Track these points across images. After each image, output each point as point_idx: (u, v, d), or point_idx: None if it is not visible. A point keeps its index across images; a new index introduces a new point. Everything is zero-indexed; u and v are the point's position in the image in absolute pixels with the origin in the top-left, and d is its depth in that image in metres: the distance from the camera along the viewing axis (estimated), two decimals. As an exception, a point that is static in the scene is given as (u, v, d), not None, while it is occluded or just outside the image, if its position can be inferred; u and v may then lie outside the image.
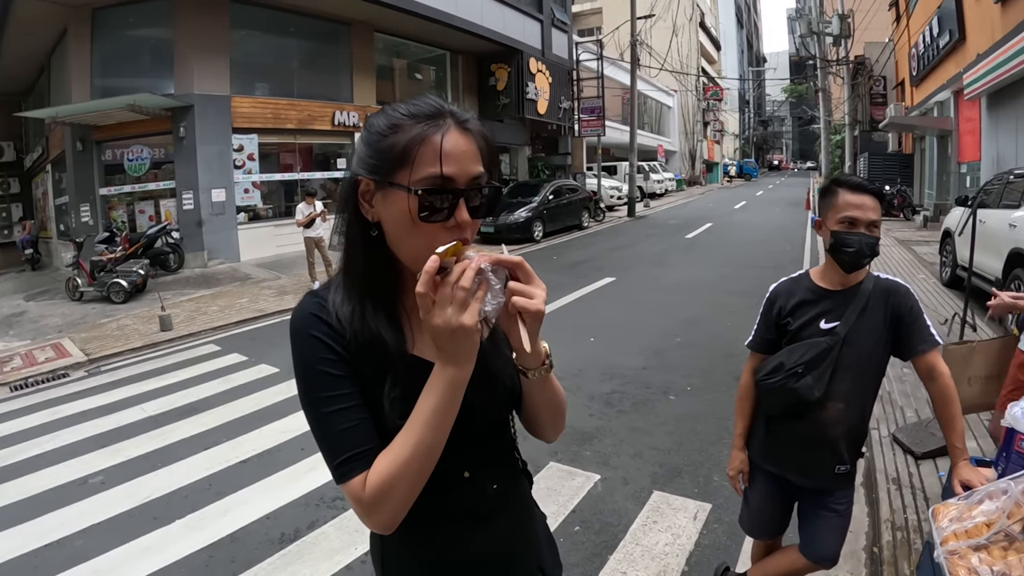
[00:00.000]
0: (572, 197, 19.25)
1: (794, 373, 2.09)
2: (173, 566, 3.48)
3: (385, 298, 1.11)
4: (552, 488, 3.94)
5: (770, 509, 2.38)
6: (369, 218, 1.07)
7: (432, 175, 0.99)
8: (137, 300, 11.65)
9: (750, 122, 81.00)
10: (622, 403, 5.26)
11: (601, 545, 3.32)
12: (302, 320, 1.08)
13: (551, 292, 7.92)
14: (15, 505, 4.37)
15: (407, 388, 1.04)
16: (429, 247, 0.95)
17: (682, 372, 5.87)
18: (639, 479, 3.99)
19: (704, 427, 4.66)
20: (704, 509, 3.58)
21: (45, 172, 19.76)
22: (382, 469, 1.00)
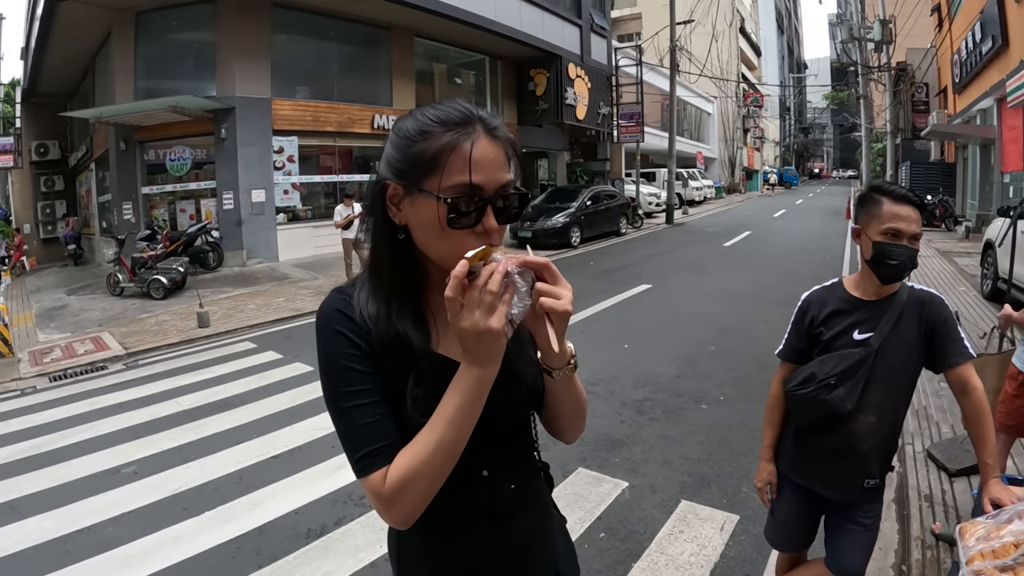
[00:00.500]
0: (610, 203, 19.15)
1: (826, 384, 2.03)
2: (200, 556, 3.52)
3: (410, 297, 1.12)
4: (579, 494, 3.89)
5: (796, 522, 2.32)
6: (397, 221, 1.08)
7: (461, 183, 0.99)
8: (176, 297, 11.88)
9: (791, 129, 79.82)
10: (653, 411, 5.20)
11: (626, 553, 3.27)
12: (328, 315, 1.09)
13: (587, 299, 8.05)
14: (50, 491, 4.48)
15: (431, 387, 1.04)
16: (457, 251, 0.96)
17: (715, 381, 5.78)
18: (667, 488, 3.93)
19: (735, 437, 4.57)
20: (732, 520, 3.51)
21: (89, 170, 20.30)
22: (403, 464, 1.00)
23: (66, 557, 3.61)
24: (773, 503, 2.34)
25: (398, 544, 1.25)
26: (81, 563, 3.54)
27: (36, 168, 22.47)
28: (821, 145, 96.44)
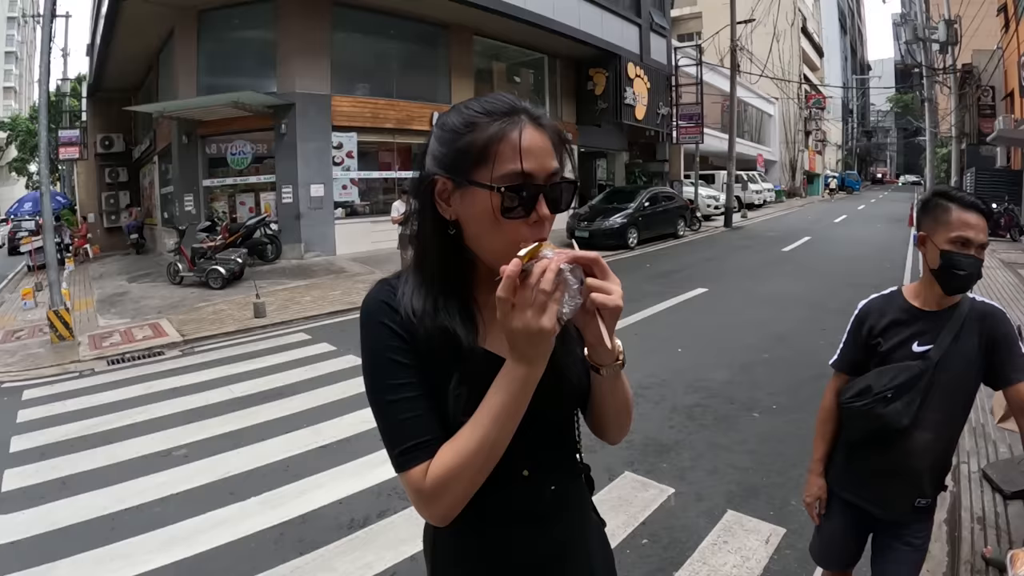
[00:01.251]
0: (668, 205, 18.90)
1: (883, 397, 1.92)
2: (244, 540, 3.58)
3: (458, 292, 1.10)
4: (624, 498, 3.81)
5: (843, 539, 2.21)
6: (447, 217, 1.06)
7: (513, 171, 0.99)
8: (234, 287, 12.16)
9: (853, 132, 77.54)
10: (704, 417, 5.07)
11: (667, 561, 3.18)
12: (373, 307, 1.09)
13: (642, 301, 8.02)
14: (101, 470, 4.62)
15: (476, 384, 1.03)
16: (511, 243, 0.97)
17: (768, 389, 5.61)
18: (714, 496, 3.81)
19: (787, 448, 4.41)
20: (778, 533, 3.38)
21: (152, 163, 20.97)
22: (445, 460, 0.99)
23: (113, 534, 3.70)
24: (821, 519, 2.23)
25: (433, 543, 1.23)
26: (127, 540, 3.63)
27: (101, 160, 23.30)
28: (884, 149, 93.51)
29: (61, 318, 8.83)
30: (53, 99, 22.64)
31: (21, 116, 45.02)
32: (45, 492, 4.31)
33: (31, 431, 5.55)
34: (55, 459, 4.87)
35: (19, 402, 6.49)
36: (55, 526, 3.82)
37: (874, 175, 79.91)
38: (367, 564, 3.24)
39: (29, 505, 4.13)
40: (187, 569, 3.34)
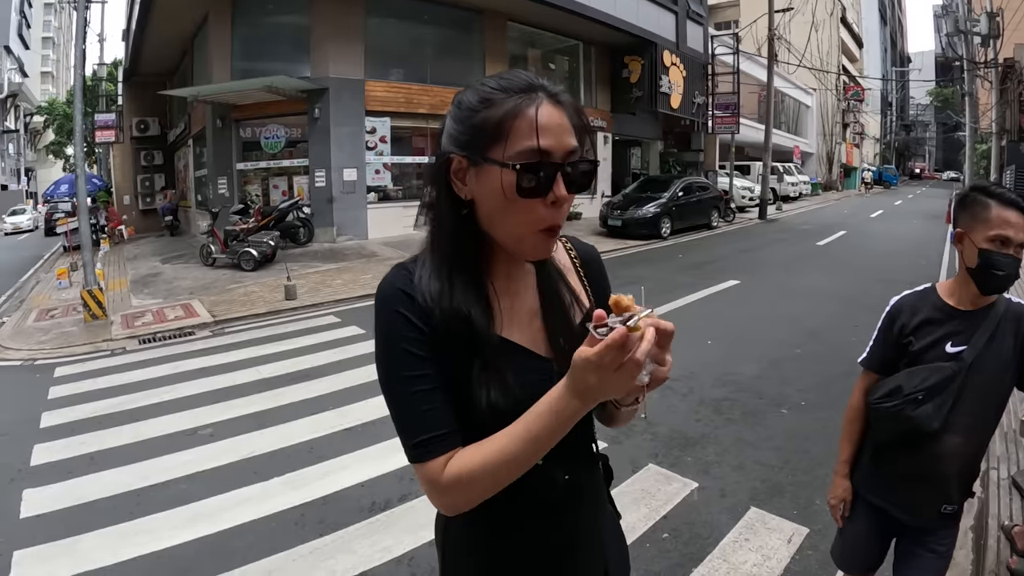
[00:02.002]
0: (702, 195, 18.64)
1: (913, 399, 1.84)
2: (266, 519, 3.61)
3: (473, 277, 1.07)
4: (647, 491, 3.76)
5: (866, 543, 2.14)
6: (462, 196, 1.04)
7: (529, 148, 0.95)
8: (265, 269, 12.29)
9: (892, 126, 75.73)
10: (732, 411, 4.99)
11: (687, 556, 3.13)
12: (388, 294, 1.06)
13: (674, 291, 8.18)
14: (129, 447, 4.70)
15: (494, 372, 1.03)
16: (526, 223, 0.98)
17: (798, 385, 5.50)
18: (737, 492, 3.74)
19: (814, 446, 4.31)
20: (801, 533, 3.30)
21: (187, 146, 21.27)
22: (469, 462, 0.99)
23: (138, 509, 3.77)
24: (844, 521, 2.17)
25: (444, 531, 1.23)
26: (152, 516, 3.70)
27: (136, 143, 23.72)
28: (923, 144, 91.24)
29: (94, 297, 9.01)
30: (90, 84, 23.09)
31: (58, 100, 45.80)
32: (73, 467, 4.40)
33: (62, 407, 5.67)
34: (84, 435, 4.96)
35: (51, 379, 6.63)
36: (82, 500, 3.90)
37: (912, 170, 78.18)
38: (386, 548, 3.24)
39: (57, 479, 4.22)
40: (209, 545, 3.38)
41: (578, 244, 1.28)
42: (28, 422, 5.32)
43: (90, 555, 3.32)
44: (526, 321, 1.11)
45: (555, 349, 1.09)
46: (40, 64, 54.51)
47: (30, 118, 52.12)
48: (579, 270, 1.24)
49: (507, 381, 1.03)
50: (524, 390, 1.02)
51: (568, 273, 1.20)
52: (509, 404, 1.01)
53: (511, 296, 1.11)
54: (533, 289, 1.14)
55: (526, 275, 1.14)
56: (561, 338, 1.10)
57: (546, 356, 1.09)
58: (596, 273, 1.26)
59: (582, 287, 1.21)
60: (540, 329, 1.11)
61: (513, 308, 1.10)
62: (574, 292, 1.17)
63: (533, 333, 1.10)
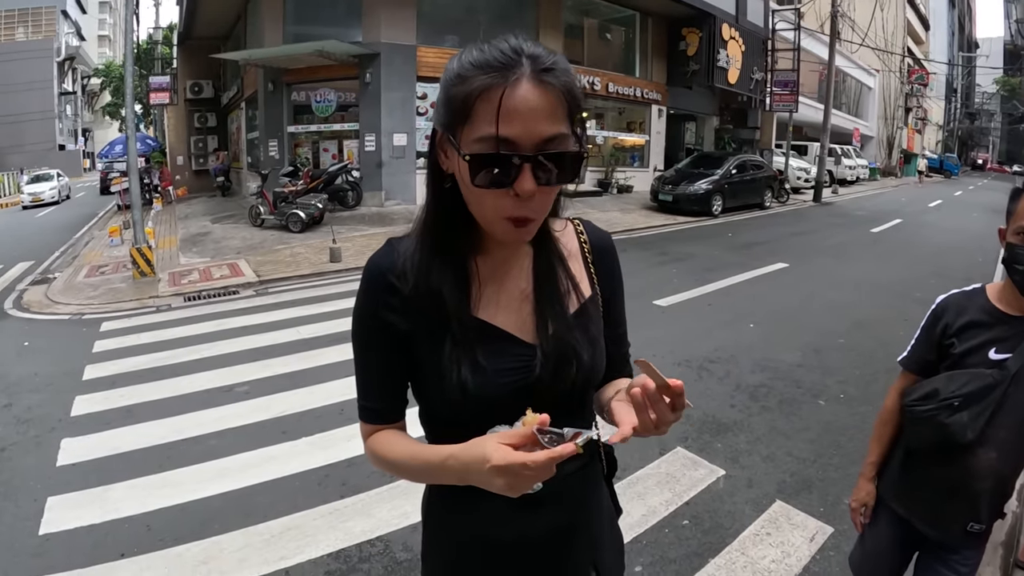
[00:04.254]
0: (756, 174, 18.14)
1: (949, 405, 1.72)
2: (289, 478, 3.67)
3: (454, 252, 1.04)
4: (672, 474, 3.69)
5: (887, 554, 2.02)
6: (444, 169, 0.99)
7: (487, 136, 0.87)
8: (313, 231, 12.42)
9: (956, 113, 72.54)
10: (767, 399, 4.86)
11: (705, 546, 3.06)
12: (370, 271, 1.06)
13: (720, 271, 8.29)
14: (166, 401, 4.83)
15: (467, 350, 1.00)
16: (492, 212, 0.93)
17: (838, 377, 5.32)
18: (765, 484, 3.64)
19: (849, 442, 4.16)
20: (824, 532, 3.19)
21: (239, 109, 21.58)
22: (384, 446, 1.08)
23: (168, 462, 3.87)
24: (865, 528, 2.06)
25: (427, 508, 1.21)
26: (181, 469, 3.80)
27: (190, 105, 24.15)
28: (987, 134, 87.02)
29: (143, 255, 9.24)
30: (145, 47, 23.51)
31: (115, 63, 46.75)
32: (111, 419, 4.53)
33: (104, 361, 5.85)
34: (124, 388, 5.11)
35: (97, 333, 6.84)
36: (116, 451, 4.02)
37: (974, 160, 74.87)
38: (404, 514, 3.25)
39: (95, 430, 4.36)
40: (233, 500, 3.45)
41: (592, 230, 1.21)
42: (72, 374, 5.50)
43: (119, 504, 3.42)
44: (515, 304, 1.06)
45: (541, 336, 1.04)
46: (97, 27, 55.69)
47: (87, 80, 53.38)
48: (587, 257, 1.17)
49: (479, 362, 0.99)
50: (500, 374, 1.00)
51: (573, 259, 1.14)
52: (482, 385, 0.98)
53: (500, 277, 1.06)
54: (528, 272, 1.08)
55: (522, 257, 1.09)
56: (550, 325, 1.04)
57: (531, 342, 1.04)
58: (607, 263, 1.19)
59: (587, 275, 1.15)
60: (530, 314, 1.06)
61: (501, 290, 1.06)
62: (573, 279, 1.11)
63: (522, 317, 1.05)
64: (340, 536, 3.10)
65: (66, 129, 48.59)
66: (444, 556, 1.17)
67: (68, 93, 49.07)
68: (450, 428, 1.00)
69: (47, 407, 4.77)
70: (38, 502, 3.45)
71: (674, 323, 6.72)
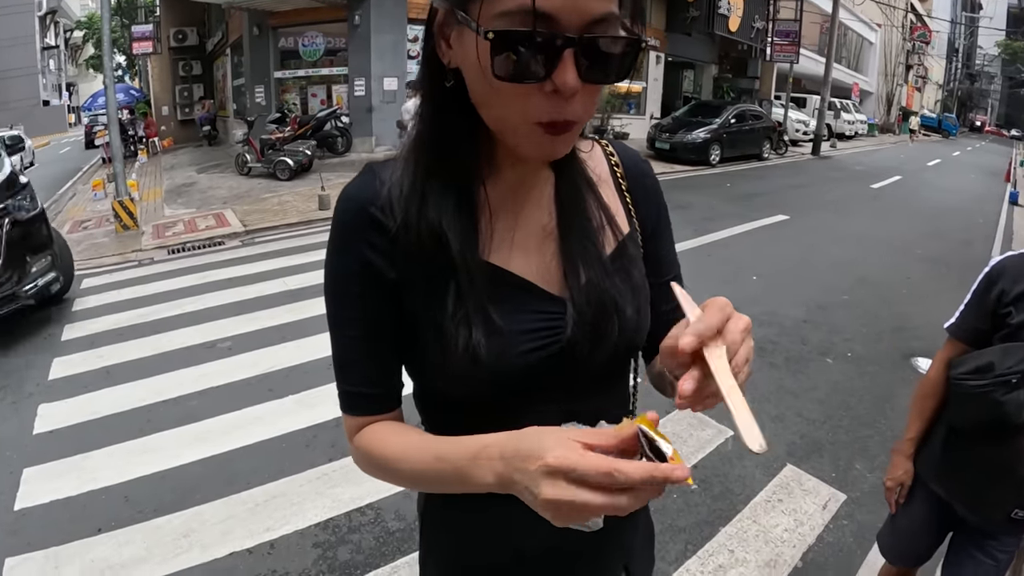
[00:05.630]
0: (755, 124, 17.85)
1: (1005, 381, 1.50)
2: (276, 440, 3.50)
3: (457, 180, 0.77)
4: (678, 435, 3.51)
5: (920, 535, 1.87)
6: (444, 61, 0.73)
7: (518, 8, 0.61)
8: (301, 179, 12.10)
9: (956, 74, 71.77)
10: (774, 355, 4.70)
11: (716, 513, 2.91)
12: (345, 206, 0.79)
13: (720, 221, 7.89)
14: (146, 360, 4.61)
15: (476, 305, 0.74)
16: (518, 115, 0.67)
17: (844, 334, 5.16)
18: (775, 446, 3.48)
19: (858, 403, 4.03)
20: (837, 499, 3.05)
21: (224, 56, 20.98)
22: (377, 445, 0.81)
23: (148, 426, 3.68)
24: (898, 507, 1.89)
25: (424, 504, 0.96)
26: (160, 433, 3.60)
27: (175, 54, 23.38)
28: (986, 97, 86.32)
29: (125, 208, 8.98)
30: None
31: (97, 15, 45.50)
32: (89, 381, 4.32)
33: (84, 320, 5.61)
34: (103, 348, 4.89)
35: (77, 290, 6.52)
36: (94, 416, 3.82)
37: (972, 122, 74.35)
38: (395, 480, 3.09)
39: (72, 394, 4.14)
40: (215, 466, 3.27)
41: (623, 151, 0.94)
42: (50, 335, 5.26)
43: (96, 473, 3.24)
44: (534, 245, 0.81)
45: (572, 285, 0.79)
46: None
47: (70, 34, 52.02)
48: (621, 183, 0.91)
49: (493, 321, 0.74)
50: (521, 336, 0.76)
51: (604, 186, 0.88)
52: (499, 352, 0.74)
53: (514, 210, 0.81)
54: (550, 202, 0.83)
55: (542, 183, 0.83)
56: (582, 271, 0.79)
57: (557, 294, 0.79)
58: (646, 191, 0.94)
59: (622, 206, 0.90)
60: (555, 256, 0.81)
61: (518, 226, 0.81)
62: (607, 211, 0.85)
63: (544, 261, 0.80)
64: (328, 504, 2.94)
65: (50, 84, 47.28)
66: (445, 566, 0.94)
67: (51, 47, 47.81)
68: (455, 414, 0.79)
69: (24, 371, 4.53)
70: (14, 474, 3.26)
71: (673, 274, 6.52)
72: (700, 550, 2.66)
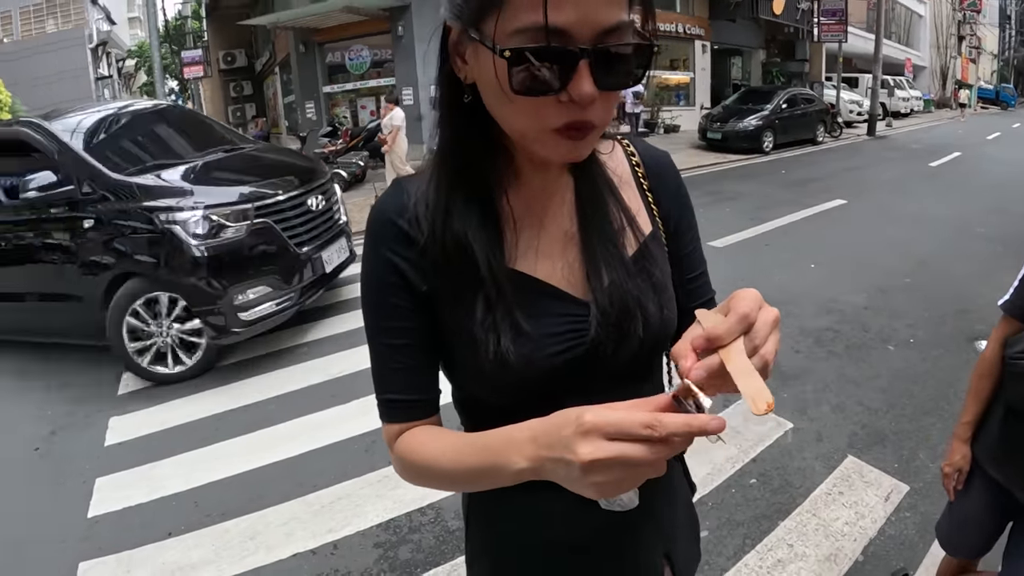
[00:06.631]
0: (807, 108, 17.51)
1: None
2: (336, 445, 3.58)
3: (480, 191, 0.81)
4: (737, 429, 3.47)
5: (978, 523, 1.79)
6: (461, 77, 0.76)
7: (531, 26, 0.64)
8: (355, 189, 12.24)
9: (1011, 42, 68.46)
10: (834, 344, 4.60)
11: (775, 507, 2.87)
12: (375, 224, 0.84)
13: (775, 209, 7.86)
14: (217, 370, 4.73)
15: (504, 312, 0.78)
16: (536, 124, 0.70)
17: (906, 319, 5.01)
18: (835, 438, 3.42)
19: (922, 390, 3.90)
20: (900, 491, 2.96)
21: (274, 74, 21.64)
22: (417, 450, 0.83)
23: (216, 434, 3.81)
24: (956, 495, 1.81)
25: (468, 502, 1.00)
26: (228, 440, 3.73)
27: (225, 76, 24.35)
28: None
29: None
30: (175, 23, 23.49)
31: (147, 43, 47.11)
32: (157, 394, 4.42)
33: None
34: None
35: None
36: (163, 426, 3.95)
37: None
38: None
39: (141, 407, 4.26)
40: (281, 470, 3.38)
41: (644, 148, 0.97)
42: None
43: (165, 481, 3.36)
44: (558, 250, 0.84)
45: (595, 288, 0.81)
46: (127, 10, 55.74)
47: (122, 63, 53.88)
48: (642, 182, 0.93)
49: (520, 326, 0.78)
50: (548, 340, 0.79)
51: (625, 187, 0.91)
52: (528, 356, 0.77)
53: (538, 217, 0.84)
54: (571, 207, 0.86)
55: (563, 189, 0.86)
56: (604, 274, 0.82)
57: (581, 297, 0.82)
58: (669, 187, 0.95)
59: (644, 206, 0.92)
60: (577, 259, 0.83)
61: (541, 233, 0.84)
62: (628, 212, 0.87)
63: (567, 265, 0.83)
64: (389, 505, 3.01)
65: (106, 112, 49.15)
66: (491, 561, 0.97)
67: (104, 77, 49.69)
68: (486, 415, 0.81)
69: (95, 386, 4.70)
70: (87, 484, 3.41)
71: (731, 264, 6.45)
72: (758, 544, 2.63)
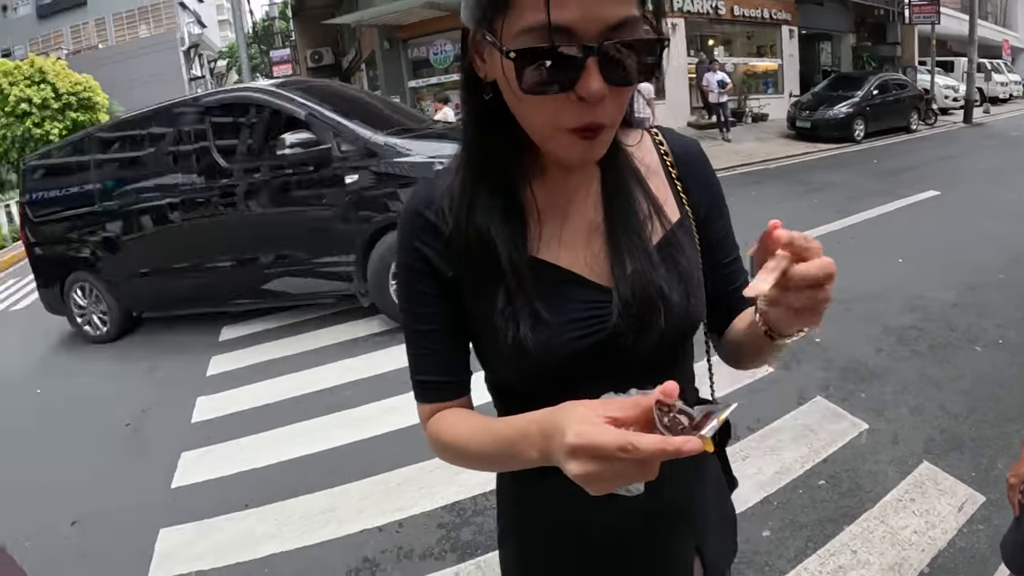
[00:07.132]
0: (900, 94, 16.64)
1: None
2: (405, 430, 3.69)
3: (503, 183, 0.84)
4: (810, 427, 3.41)
5: None
6: (481, 76, 0.79)
7: (535, 25, 0.66)
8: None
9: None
10: (918, 343, 4.41)
11: (842, 511, 2.79)
12: (406, 216, 0.88)
13: (865, 200, 7.69)
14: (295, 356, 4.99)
15: (523, 300, 0.81)
16: (548, 124, 0.72)
17: (997, 319, 4.73)
18: (911, 441, 3.29)
19: (1008, 396, 3.68)
20: (975, 501, 2.79)
21: (360, 71, 22.18)
22: (447, 430, 0.89)
23: (296, 415, 4.04)
24: (1022, 510, 1.69)
25: (499, 482, 1.05)
26: (309, 421, 3.96)
27: (313, 73, 24.79)
28: None
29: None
30: (263, 24, 24.27)
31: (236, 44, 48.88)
32: (243, 376, 4.75)
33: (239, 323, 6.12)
34: (258, 346, 5.37)
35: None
36: (247, 407, 4.22)
37: None
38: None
39: (229, 387, 4.57)
40: (356, 451, 3.57)
41: (673, 138, 0.97)
42: (208, 336, 5.82)
43: (247, 456, 3.60)
44: (583, 240, 0.85)
45: (618, 275, 0.82)
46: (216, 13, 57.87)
47: (214, 64, 56.00)
48: (670, 171, 0.94)
49: (539, 313, 0.80)
50: (567, 326, 0.81)
51: (653, 176, 0.91)
52: (545, 343, 0.79)
53: (562, 208, 0.86)
54: (596, 198, 0.87)
55: (588, 180, 0.87)
56: (627, 262, 0.82)
57: (605, 284, 0.83)
58: (698, 175, 0.95)
59: (672, 194, 0.92)
60: (602, 249, 0.84)
61: (566, 223, 0.86)
62: (655, 202, 0.88)
63: (592, 254, 0.84)
64: (456, 489, 3.10)
65: (199, 112, 51.37)
66: (517, 541, 1.01)
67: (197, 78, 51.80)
68: (516, 399, 0.85)
69: (185, 368, 5.04)
70: (172, 457, 3.68)
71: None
72: (821, 549, 2.57)
